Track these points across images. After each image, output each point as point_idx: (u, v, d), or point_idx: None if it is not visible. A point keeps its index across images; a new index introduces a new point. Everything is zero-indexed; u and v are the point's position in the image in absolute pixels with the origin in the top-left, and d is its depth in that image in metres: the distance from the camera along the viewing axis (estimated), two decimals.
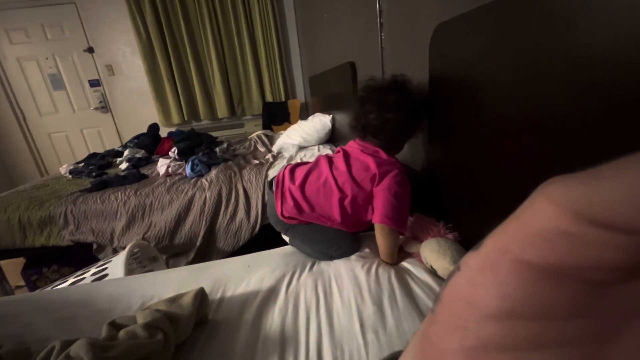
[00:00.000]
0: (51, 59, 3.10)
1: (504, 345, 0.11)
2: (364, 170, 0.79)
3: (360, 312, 0.62)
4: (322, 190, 0.80)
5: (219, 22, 3.03)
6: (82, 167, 2.20)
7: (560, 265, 0.10)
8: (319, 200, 0.80)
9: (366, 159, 0.80)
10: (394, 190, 0.75)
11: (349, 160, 0.82)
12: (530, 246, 0.10)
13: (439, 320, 0.13)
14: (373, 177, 0.77)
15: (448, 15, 0.72)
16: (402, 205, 0.75)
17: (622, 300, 0.10)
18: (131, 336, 0.51)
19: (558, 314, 0.10)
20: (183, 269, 0.88)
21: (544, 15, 0.47)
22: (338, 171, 0.81)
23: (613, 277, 0.09)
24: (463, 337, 0.11)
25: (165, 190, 1.61)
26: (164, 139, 2.61)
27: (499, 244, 0.11)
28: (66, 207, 1.56)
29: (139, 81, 3.19)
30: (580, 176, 0.10)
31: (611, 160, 0.09)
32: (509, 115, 0.58)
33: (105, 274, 1.07)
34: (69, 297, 0.78)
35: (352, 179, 0.78)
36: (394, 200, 0.74)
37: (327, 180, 0.81)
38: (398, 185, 0.76)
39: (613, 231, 0.09)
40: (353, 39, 1.55)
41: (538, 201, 0.10)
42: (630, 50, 0.37)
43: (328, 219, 0.81)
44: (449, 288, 0.13)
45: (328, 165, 0.83)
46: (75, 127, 3.32)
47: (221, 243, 1.56)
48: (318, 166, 0.86)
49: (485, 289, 0.11)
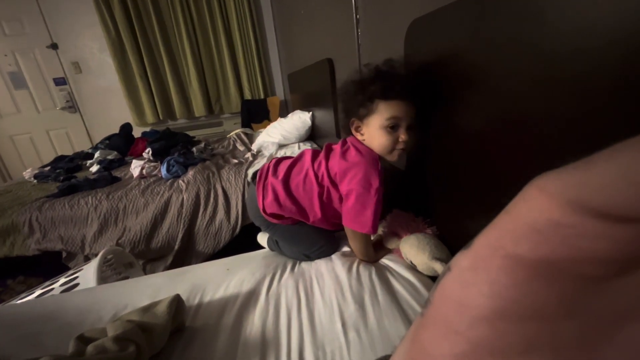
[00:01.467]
0: (10, 56, 2.90)
1: (495, 349, 0.10)
2: (336, 166, 0.75)
3: (341, 312, 0.61)
4: (302, 184, 0.78)
5: (192, 17, 2.93)
6: (48, 170, 2.08)
7: (554, 258, 0.09)
8: (301, 194, 0.78)
9: (338, 153, 0.76)
10: (355, 191, 0.71)
11: (329, 154, 0.79)
12: (522, 240, 0.10)
13: (429, 324, 0.12)
14: (336, 174, 0.74)
15: (423, 11, 0.72)
16: (365, 205, 0.70)
17: (614, 300, 0.09)
18: (100, 350, 0.48)
19: (551, 314, 0.10)
20: (158, 275, 0.85)
21: (516, 11, 0.48)
22: (318, 165, 0.78)
23: (606, 271, 0.09)
24: (454, 342, 0.11)
25: (140, 192, 1.55)
26: (138, 140, 2.50)
27: (490, 240, 0.11)
28: (31, 214, 1.47)
29: (109, 79, 3.03)
30: (574, 165, 0.10)
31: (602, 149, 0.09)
32: (484, 110, 0.59)
33: (76, 284, 1.02)
34: (34, 310, 0.74)
35: (328, 174, 0.75)
36: (354, 201, 0.71)
37: (307, 174, 0.78)
38: (359, 184, 0.70)
39: (607, 220, 0.08)
40: (330, 35, 1.54)
41: (530, 193, 0.10)
42: (599, 45, 0.38)
43: (309, 213, 0.79)
44: (440, 290, 0.12)
45: (311, 159, 0.80)
46: (41, 128, 3.13)
47: (201, 245, 1.52)
48: (301, 159, 0.82)
49: (477, 288, 0.11)
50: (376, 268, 0.73)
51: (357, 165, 0.71)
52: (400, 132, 0.69)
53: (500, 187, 0.58)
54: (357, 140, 0.75)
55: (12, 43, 2.88)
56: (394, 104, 0.67)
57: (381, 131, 0.69)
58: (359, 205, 0.70)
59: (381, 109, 0.68)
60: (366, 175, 0.70)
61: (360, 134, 0.74)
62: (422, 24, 0.73)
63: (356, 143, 0.74)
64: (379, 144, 0.70)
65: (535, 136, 0.49)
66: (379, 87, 0.67)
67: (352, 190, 0.71)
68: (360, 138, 0.74)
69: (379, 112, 0.68)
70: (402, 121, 0.68)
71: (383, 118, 0.68)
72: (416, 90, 0.68)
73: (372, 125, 0.70)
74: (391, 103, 0.67)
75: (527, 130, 0.50)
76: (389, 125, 0.68)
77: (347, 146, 0.76)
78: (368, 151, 0.72)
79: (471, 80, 0.61)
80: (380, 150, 0.71)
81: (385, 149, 0.70)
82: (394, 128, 0.68)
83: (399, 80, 0.67)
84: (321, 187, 0.76)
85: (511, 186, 0.11)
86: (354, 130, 0.75)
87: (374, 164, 0.71)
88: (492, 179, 0.59)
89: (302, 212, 0.79)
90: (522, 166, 0.53)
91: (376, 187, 0.70)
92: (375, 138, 0.71)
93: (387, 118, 0.67)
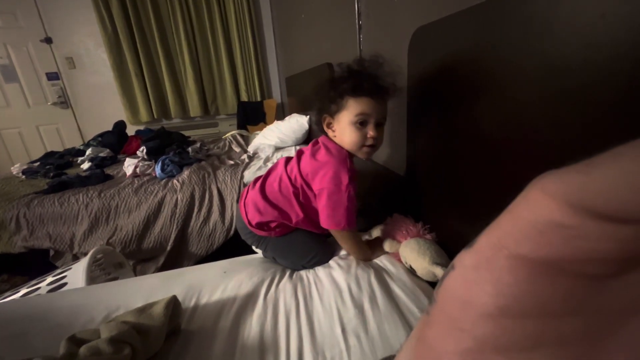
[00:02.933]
0: (2, 48, 2.84)
1: (500, 346, 0.10)
2: (308, 166, 0.76)
3: (341, 317, 0.60)
4: (277, 188, 0.79)
5: (191, 16, 2.92)
6: (37, 166, 2.03)
7: (556, 258, 0.09)
8: (278, 198, 0.79)
9: (309, 154, 0.78)
10: (326, 189, 0.72)
11: (301, 156, 0.80)
12: (525, 240, 0.10)
13: (434, 322, 0.12)
14: (307, 174, 0.76)
15: (427, 19, 0.73)
16: (337, 203, 0.72)
17: (617, 296, 0.10)
18: (94, 352, 0.46)
19: (554, 311, 0.10)
20: (153, 276, 0.83)
21: (521, 22, 0.49)
22: (291, 168, 0.79)
23: (608, 270, 0.09)
24: (459, 339, 0.11)
25: (133, 191, 1.52)
26: (132, 138, 2.46)
27: (493, 240, 0.11)
28: (18, 210, 1.43)
29: (104, 76, 2.99)
30: (575, 166, 0.10)
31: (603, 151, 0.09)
32: (486, 118, 0.60)
33: (64, 283, 0.98)
34: (20, 310, 0.71)
35: (300, 175, 0.76)
36: (327, 199, 0.72)
37: (281, 178, 0.79)
38: (330, 182, 0.72)
39: (608, 221, 0.09)
40: (331, 40, 1.55)
41: (532, 194, 0.10)
42: (601, 56, 0.39)
43: (291, 214, 0.79)
44: (444, 288, 0.12)
45: (284, 165, 0.81)
46: (30, 123, 3.06)
47: (194, 247, 1.50)
48: (276, 167, 0.85)
49: (480, 287, 0.11)
50: (375, 272, 0.72)
51: (327, 164, 0.73)
52: (368, 129, 0.71)
53: (502, 193, 0.59)
54: (327, 139, 0.77)
55: (4, 35, 2.82)
56: (363, 100, 0.69)
57: (350, 127, 0.71)
58: (332, 203, 0.72)
59: (350, 105, 0.70)
60: (336, 173, 0.72)
61: (332, 130, 0.76)
62: (426, 32, 0.74)
63: (326, 142, 0.77)
64: (348, 139, 0.73)
65: (538, 144, 0.49)
66: (349, 85, 0.69)
67: (324, 189, 0.72)
68: (332, 135, 0.77)
69: (348, 108, 0.71)
70: (370, 117, 0.71)
71: (352, 114, 0.70)
72: (385, 88, 0.71)
73: (342, 121, 0.72)
74: (360, 100, 0.69)
75: (530, 138, 0.51)
76: (357, 121, 0.70)
77: (317, 146, 0.78)
78: (337, 149, 0.75)
79: (474, 87, 0.62)
80: (350, 146, 0.73)
81: (355, 144, 0.72)
82: (362, 124, 0.71)
83: (369, 78, 0.70)
84: (296, 188, 0.77)
85: (513, 193, 0.11)
86: (325, 126, 0.77)
87: (343, 161, 0.73)
88: (493, 186, 0.59)
89: (284, 214, 0.79)
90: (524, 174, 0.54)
91: (346, 183, 0.71)
92: (345, 134, 0.73)
93: (355, 114, 0.70)
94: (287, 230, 0.82)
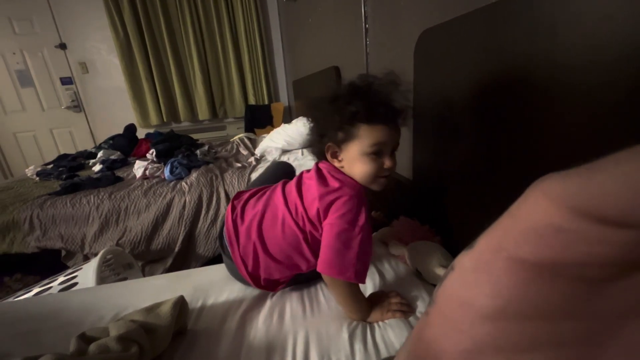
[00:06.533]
0: (19, 54, 2.93)
1: (498, 347, 0.10)
2: (316, 202, 0.61)
3: (348, 322, 0.60)
4: (281, 234, 0.64)
5: (200, 21, 2.97)
6: (50, 168, 2.08)
7: (555, 261, 0.09)
8: (284, 248, 0.65)
9: (315, 188, 0.62)
10: (337, 226, 0.58)
11: (302, 189, 0.66)
12: (524, 243, 0.10)
13: (433, 322, 0.13)
14: (317, 210, 0.61)
15: (433, 22, 0.73)
16: (348, 245, 0.57)
17: (616, 299, 0.10)
18: (103, 350, 0.47)
19: (552, 313, 0.10)
20: (161, 277, 0.84)
21: (525, 24, 0.49)
22: (294, 207, 0.64)
23: (606, 273, 0.09)
24: (458, 340, 0.11)
25: (142, 193, 1.55)
26: (142, 141, 2.51)
27: (492, 242, 0.11)
28: (32, 211, 1.46)
29: (115, 80, 3.06)
30: (576, 170, 0.10)
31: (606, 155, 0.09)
32: (493, 121, 0.60)
33: (75, 283, 1.00)
34: (33, 308, 0.72)
35: (307, 215, 0.63)
36: (334, 239, 0.57)
37: (285, 221, 0.64)
38: (342, 219, 0.58)
39: (607, 225, 0.09)
40: (338, 43, 1.56)
41: (532, 197, 0.10)
42: (606, 58, 0.38)
43: (301, 263, 0.67)
44: (443, 289, 0.12)
45: (284, 201, 0.66)
46: (44, 126, 3.15)
47: (201, 249, 1.51)
48: (273, 201, 0.68)
49: (479, 289, 0.11)
50: (380, 277, 0.72)
51: (340, 199, 0.59)
52: (384, 159, 0.60)
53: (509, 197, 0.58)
54: (333, 168, 0.64)
55: (21, 42, 2.91)
56: (378, 128, 0.58)
57: (364, 158, 0.59)
58: (340, 244, 0.57)
59: (364, 134, 0.58)
60: (353, 210, 0.58)
61: (338, 160, 0.63)
62: (433, 35, 0.74)
63: (334, 172, 0.63)
64: (361, 172, 0.60)
65: (545, 147, 0.49)
66: (361, 109, 0.57)
67: (333, 225, 0.58)
68: (338, 165, 0.63)
69: (360, 138, 0.58)
70: (387, 147, 0.59)
71: (366, 144, 0.58)
72: (402, 112, 0.60)
73: (352, 151, 0.60)
74: (375, 128, 0.58)
75: (539, 141, 0.50)
76: (372, 152, 0.58)
77: (323, 177, 0.64)
78: (351, 182, 0.62)
79: (481, 90, 0.61)
80: (362, 179, 0.61)
81: (369, 177, 0.60)
82: (377, 154, 0.59)
83: (384, 102, 0.58)
84: (304, 233, 0.63)
85: (519, 195, 0.11)
86: (329, 156, 0.64)
87: (361, 197, 0.60)
88: (501, 189, 0.59)
89: (292, 266, 0.67)
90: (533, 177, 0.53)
91: (362, 224, 0.58)
92: (356, 166, 0.60)
93: (370, 145, 0.58)
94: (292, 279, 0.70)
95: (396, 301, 0.62)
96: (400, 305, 0.61)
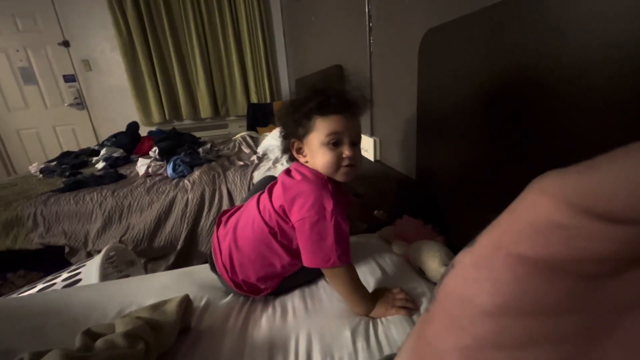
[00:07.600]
0: (22, 52, 2.94)
1: (499, 343, 0.10)
2: (281, 197, 0.64)
3: (350, 319, 0.61)
4: (251, 233, 0.67)
5: (203, 20, 2.97)
6: (54, 166, 2.09)
7: (554, 258, 0.10)
8: (256, 245, 0.67)
9: (280, 183, 0.67)
10: (308, 219, 0.60)
11: (272, 188, 0.69)
12: (524, 240, 0.10)
13: (434, 319, 0.13)
14: (281, 204, 0.64)
15: (437, 21, 0.73)
16: (323, 234, 0.59)
17: (615, 295, 0.10)
18: (109, 346, 0.48)
19: (552, 309, 0.10)
20: (164, 274, 0.84)
21: (532, 23, 0.49)
22: (263, 205, 0.68)
23: (606, 269, 0.09)
24: (458, 337, 0.11)
25: (145, 191, 1.55)
26: (144, 138, 2.52)
27: (492, 239, 0.11)
28: (36, 207, 1.47)
29: (118, 78, 3.07)
30: (576, 167, 0.10)
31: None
32: (497, 121, 0.60)
33: (78, 280, 1.01)
34: (37, 304, 0.73)
35: (274, 209, 0.65)
36: (309, 231, 0.60)
37: (254, 219, 0.67)
38: (311, 211, 0.60)
39: (606, 222, 0.09)
40: (341, 42, 1.56)
41: (532, 194, 0.10)
42: (615, 58, 0.38)
43: (275, 261, 0.68)
44: (444, 286, 0.12)
45: (256, 204, 0.69)
46: (47, 123, 3.16)
47: (203, 246, 1.52)
48: (247, 207, 0.72)
49: (480, 286, 0.11)
50: (383, 274, 0.72)
51: (304, 191, 0.62)
52: (343, 148, 0.63)
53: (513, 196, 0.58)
54: (300, 165, 0.67)
55: (24, 39, 2.92)
56: (332, 118, 0.62)
57: (323, 148, 0.62)
58: (315, 235, 0.60)
59: (319, 126, 0.62)
60: (317, 199, 0.60)
61: (303, 155, 0.67)
62: (437, 34, 0.74)
63: (299, 168, 0.66)
64: (322, 162, 0.63)
65: (551, 147, 0.49)
66: (315, 103, 0.62)
67: (305, 219, 0.60)
68: (303, 160, 0.67)
69: (317, 129, 0.62)
70: (343, 136, 0.62)
71: (323, 134, 0.62)
72: (354, 103, 0.64)
73: (313, 143, 0.63)
74: (329, 118, 0.62)
75: (544, 141, 0.50)
76: (329, 141, 0.62)
77: (289, 174, 0.67)
78: (314, 173, 0.64)
79: (486, 89, 0.61)
80: (325, 169, 0.63)
81: (330, 167, 0.63)
82: (336, 144, 0.62)
83: (336, 94, 0.63)
84: (271, 227, 0.66)
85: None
86: (295, 152, 0.67)
87: (323, 185, 0.62)
88: (505, 189, 0.59)
89: (266, 264, 0.68)
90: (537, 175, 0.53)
91: (331, 209, 0.60)
92: (317, 157, 0.64)
93: (327, 134, 0.62)
94: (278, 282, 0.70)
95: (401, 297, 0.62)
96: (405, 302, 0.62)
